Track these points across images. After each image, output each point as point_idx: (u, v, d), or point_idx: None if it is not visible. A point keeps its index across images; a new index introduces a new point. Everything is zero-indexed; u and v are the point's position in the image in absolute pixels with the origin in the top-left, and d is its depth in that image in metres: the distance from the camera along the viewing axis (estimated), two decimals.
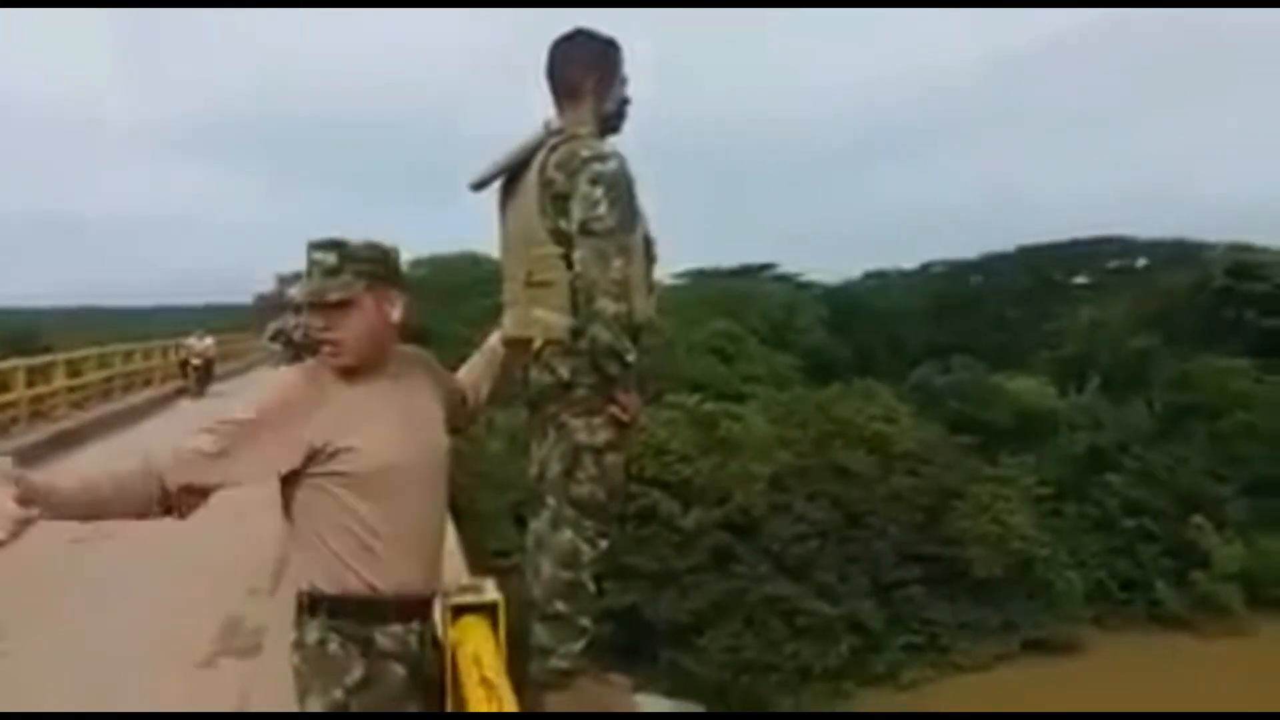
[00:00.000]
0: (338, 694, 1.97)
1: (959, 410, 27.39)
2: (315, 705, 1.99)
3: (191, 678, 4.76)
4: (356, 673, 1.97)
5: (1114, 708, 17.55)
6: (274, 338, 7.19)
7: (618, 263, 2.38)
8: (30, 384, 14.26)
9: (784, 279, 49.93)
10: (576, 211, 2.42)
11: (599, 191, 2.40)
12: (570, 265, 2.42)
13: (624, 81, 2.70)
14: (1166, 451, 25.42)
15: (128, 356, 20.05)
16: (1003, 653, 20.46)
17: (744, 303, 39.21)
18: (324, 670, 1.97)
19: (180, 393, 19.42)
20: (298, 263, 2.28)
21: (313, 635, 1.99)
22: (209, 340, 20.42)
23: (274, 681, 4.26)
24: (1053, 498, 23.83)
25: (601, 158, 2.45)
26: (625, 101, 2.71)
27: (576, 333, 2.41)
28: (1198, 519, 23.53)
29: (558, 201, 2.46)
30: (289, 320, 6.90)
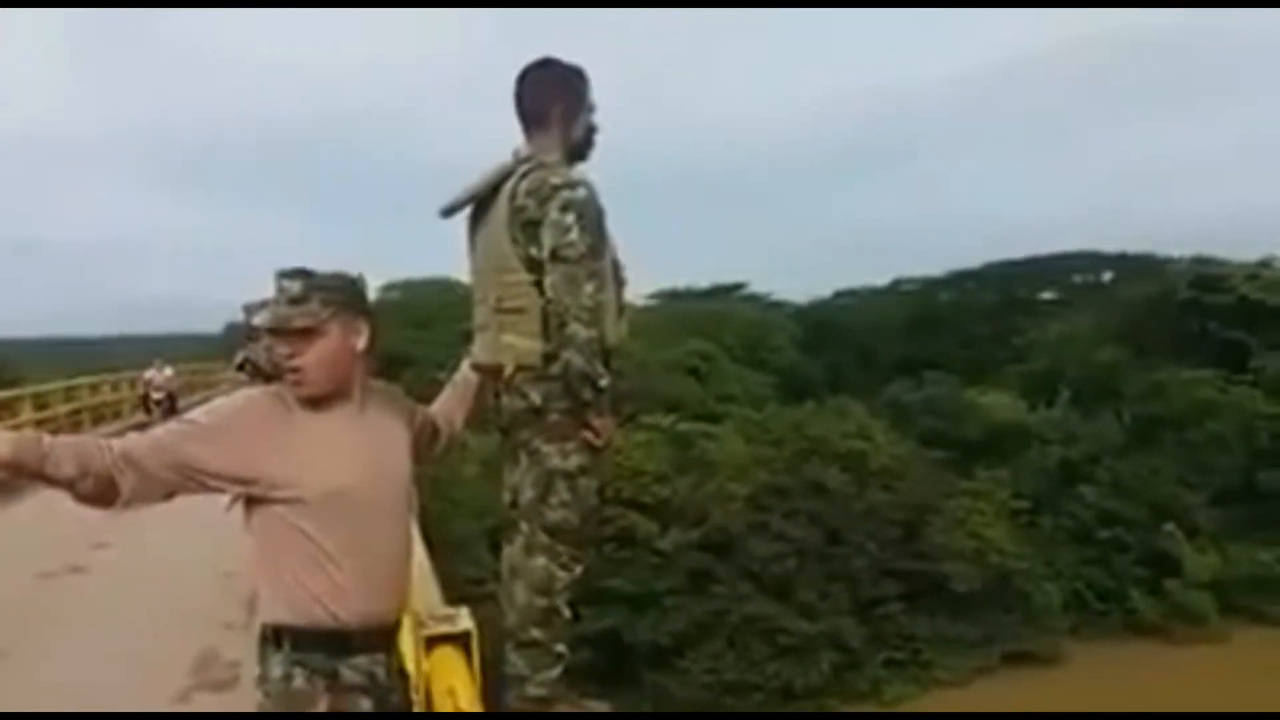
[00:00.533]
0: None
1: (932, 426, 27.56)
2: None
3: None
4: (322, 706, 1.93)
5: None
6: (241, 367, 6.96)
7: (589, 288, 2.42)
8: None
9: (755, 298, 50.20)
10: (547, 238, 2.45)
11: (570, 218, 2.43)
12: (541, 291, 2.45)
13: (591, 109, 2.75)
14: (1137, 462, 25.73)
15: (95, 389, 19.79)
16: (983, 666, 20.53)
17: (717, 322, 39.34)
18: (289, 705, 1.93)
19: (144, 427, 18.84)
20: (265, 290, 2.29)
21: (277, 669, 1.95)
22: (169, 371, 19.21)
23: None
24: (1027, 511, 24.00)
25: (571, 185, 2.49)
26: (593, 129, 2.75)
27: (548, 358, 2.43)
28: (1170, 528, 23.82)
29: (528, 229, 2.49)
30: (254, 349, 6.70)
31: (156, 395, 18.46)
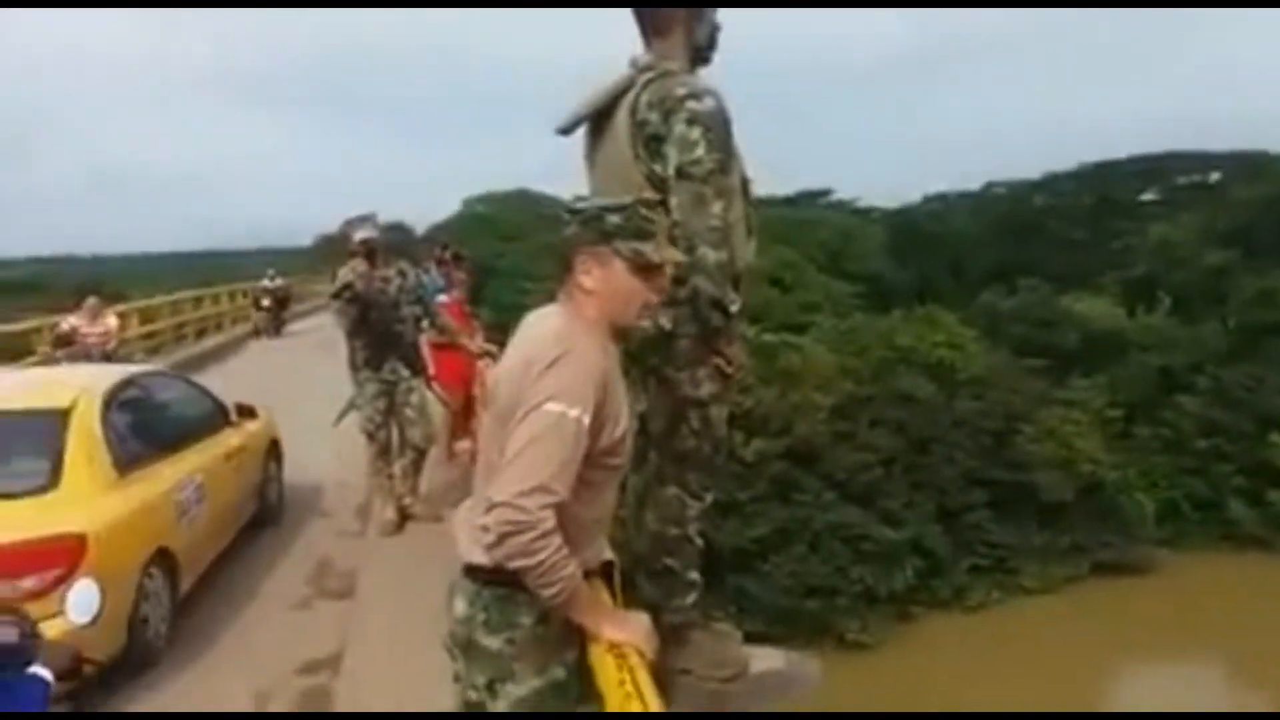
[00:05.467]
0: (559, 673, 1.80)
1: (1025, 334, 26.84)
2: (524, 687, 1.77)
3: (287, 623, 4.89)
4: (573, 652, 1.81)
5: (1184, 626, 17.50)
6: (338, 294, 5.97)
7: (717, 207, 2.29)
8: None
9: (841, 205, 49.02)
10: (673, 154, 2.32)
11: (696, 132, 2.30)
12: (667, 210, 2.34)
13: (715, 6, 2.56)
14: (1242, 371, 24.67)
15: (197, 303, 20.48)
16: (1072, 575, 20.25)
17: (802, 230, 38.61)
18: (541, 649, 1.79)
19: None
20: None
21: (526, 616, 1.77)
22: (112, 320, 10.53)
23: (369, 627, 4.35)
24: (1123, 420, 23.32)
25: (697, 95, 2.34)
26: (717, 29, 2.56)
27: (677, 281, 2.33)
28: (1276, 438, 22.90)
29: (652, 144, 2.36)
30: (347, 273, 5.93)
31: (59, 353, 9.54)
